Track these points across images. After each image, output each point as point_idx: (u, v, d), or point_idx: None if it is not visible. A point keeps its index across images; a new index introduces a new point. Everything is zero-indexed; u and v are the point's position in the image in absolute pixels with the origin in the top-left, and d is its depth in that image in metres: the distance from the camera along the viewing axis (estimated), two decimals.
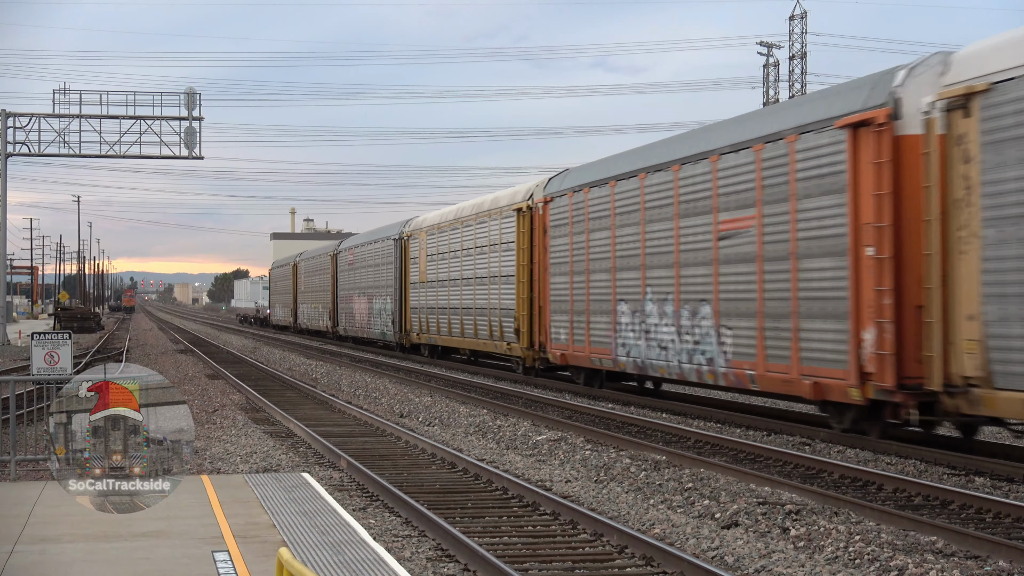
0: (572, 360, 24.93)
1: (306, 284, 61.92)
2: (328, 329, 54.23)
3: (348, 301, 49.31)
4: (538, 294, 26.97)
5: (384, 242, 43.12)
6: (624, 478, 13.52)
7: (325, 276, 54.95)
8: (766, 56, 68.45)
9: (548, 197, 26.42)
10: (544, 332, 26.39)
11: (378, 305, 43.35)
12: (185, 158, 43.89)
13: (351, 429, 18.86)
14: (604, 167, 24.35)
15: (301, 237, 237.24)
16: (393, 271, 40.98)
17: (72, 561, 8.36)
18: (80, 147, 43.96)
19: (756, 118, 19.04)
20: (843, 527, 10.35)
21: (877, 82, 15.25)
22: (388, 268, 41.95)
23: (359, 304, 47.06)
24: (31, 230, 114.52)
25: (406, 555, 9.62)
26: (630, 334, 21.70)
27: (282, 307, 71.56)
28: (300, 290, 63.77)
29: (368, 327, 45.41)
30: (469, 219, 33.10)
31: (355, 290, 47.83)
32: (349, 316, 49.20)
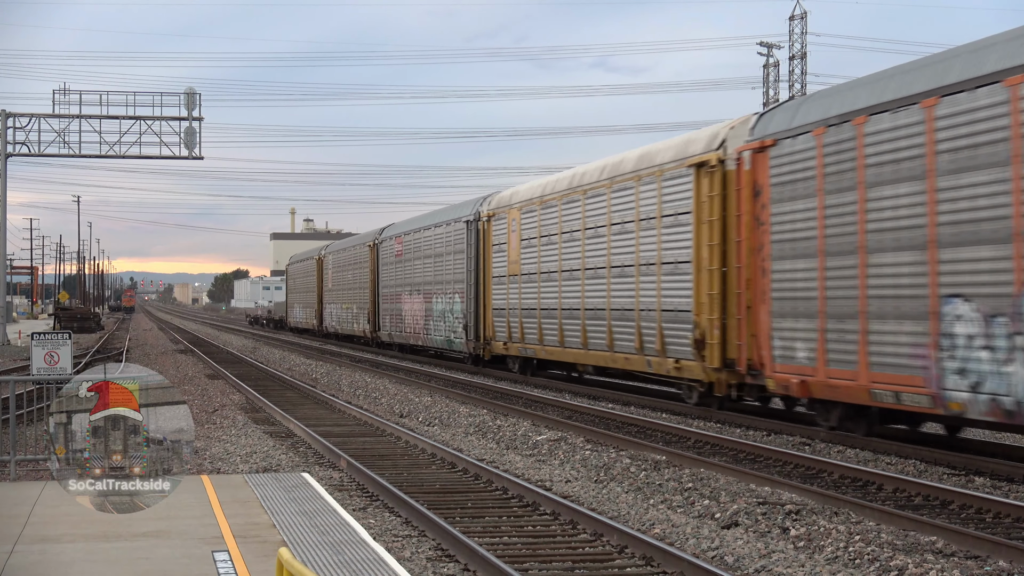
0: (823, 392, 15.94)
1: (336, 280, 53.19)
2: (366, 334, 45.90)
3: (394, 300, 41.24)
4: (743, 288, 17.93)
5: (451, 226, 34.53)
6: (624, 478, 13.52)
7: (362, 271, 46.76)
8: (766, 56, 68.48)
9: (766, 140, 17.26)
10: (759, 345, 17.42)
11: (441, 305, 35.12)
12: (185, 158, 43.90)
13: (351, 429, 18.86)
14: (902, 79, 14.87)
15: (301, 237, 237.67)
16: (465, 262, 32.65)
17: (72, 561, 8.36)
18: (80, 147, 43.97)
19: None
20: (843, 527, 10.35)
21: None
22: (456, 259, 33.65)
23: (411, 304, 38.93)
24: (31, 230, 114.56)
25: (406, 555, 9.62)
26: (980, 354, 13.01)
27: (303, 307, 62.93)
28: (327, 288, 55.22)
29: (425, 333, 36.94)
30: (596, 187, 24.03)
31: (405, 287, 39.75)
32: (396, 319, 40.95)
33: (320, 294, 56.91)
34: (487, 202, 31.85)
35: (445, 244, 35.04)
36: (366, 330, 45.89)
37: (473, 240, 32.11)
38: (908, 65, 15.26)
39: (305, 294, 61.78)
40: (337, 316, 52.41)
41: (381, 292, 43.37)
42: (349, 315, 49.42)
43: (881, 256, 14.63)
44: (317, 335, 57.90)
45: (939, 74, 13.92)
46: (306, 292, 61.38)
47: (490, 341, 30.78)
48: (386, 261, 42.99)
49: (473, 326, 31.99)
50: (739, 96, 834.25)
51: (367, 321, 45.56)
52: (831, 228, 15.66)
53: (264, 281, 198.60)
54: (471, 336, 32.12)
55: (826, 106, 16.15)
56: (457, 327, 33.35)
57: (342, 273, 51.62)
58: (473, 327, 31.99)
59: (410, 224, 41.16)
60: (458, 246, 33.51)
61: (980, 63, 13.29)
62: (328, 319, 54.65)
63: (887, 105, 14.60)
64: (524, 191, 29.29)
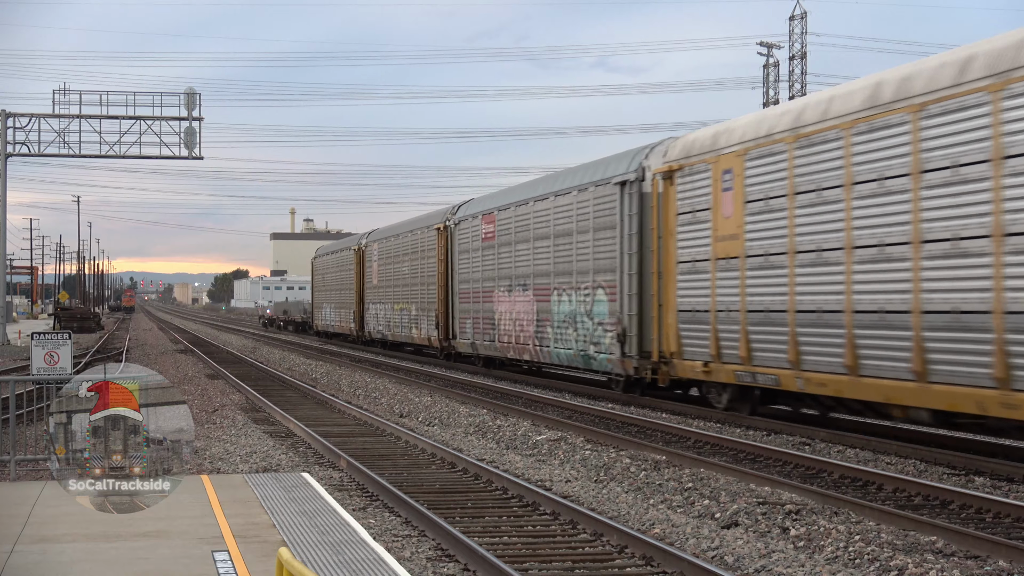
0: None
1: (384, 275, 43.48)
2: (431, 342, 36.54)
3: (480, 299, 31.69)
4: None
5: (587, 192, 24.38)
6: (624, 478, 13.52)
7: (423, 261, 37.68)
8: (766, 56, 68.51)
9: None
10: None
11: (567, 305, 25.31)
12: (185, 158, 43.89)
13: (351, 429, 18.86)
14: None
15: (301, 237, 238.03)
16: (618, 242, 22.76)
17: (72, 561, 8.36)
18: (80, 147, 43.97)
19: None
20: (843, 527, 10.35)
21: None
22: (599, 239, 23.72)
23: (510, 304, 29.04)
24: (31, 230, 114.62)
25: (406, 555, 9.62)
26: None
27: (335, 308, 53.04)
28: (371, 284, 45.44)
29: (537, 343, 27.10)
30: (899, 108, 14.65)
31: (500, 281, 29.96)
32: (483, 323, 31.26)
33: (360, 292, 47.24)
34: (659, 152, 21.85)
35: (576, 219, 24.86)
36: (432, 337, 36.11)
37: (634, 209, 22.13)
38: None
39: (338, 292, 52.06)
40: (386, 319, 42.79)
41: (457, 288, 33.69)
42: (404, 318, 39.90)
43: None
44: (357, 341, 48.17)
45: None
46: (339, 290, 51.80)
47: (670, 359, 20.45)
48: (466, 247, 32.92)
49: (635, 335, 22.01)
50: (739, 96, 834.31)
51: (434, 326, 35.72)
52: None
53: (264, 281, 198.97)
54: (630, 350, 22.17)
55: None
56: (601, 336, 23.40)
57: (393, 265, 42.00)
58: (635, 337, 22.04)
59: (509, 196, 30.52)
60: (602, 220, 23.55)
61: None
62: (373, 322, 45.07)
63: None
64: (745, 126, 18.54)
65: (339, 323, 51.85)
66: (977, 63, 13.60)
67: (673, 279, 20.44)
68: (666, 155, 21.13)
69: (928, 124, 14.18)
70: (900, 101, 14.74)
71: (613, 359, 22.83)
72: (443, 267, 34.99)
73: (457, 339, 33.85)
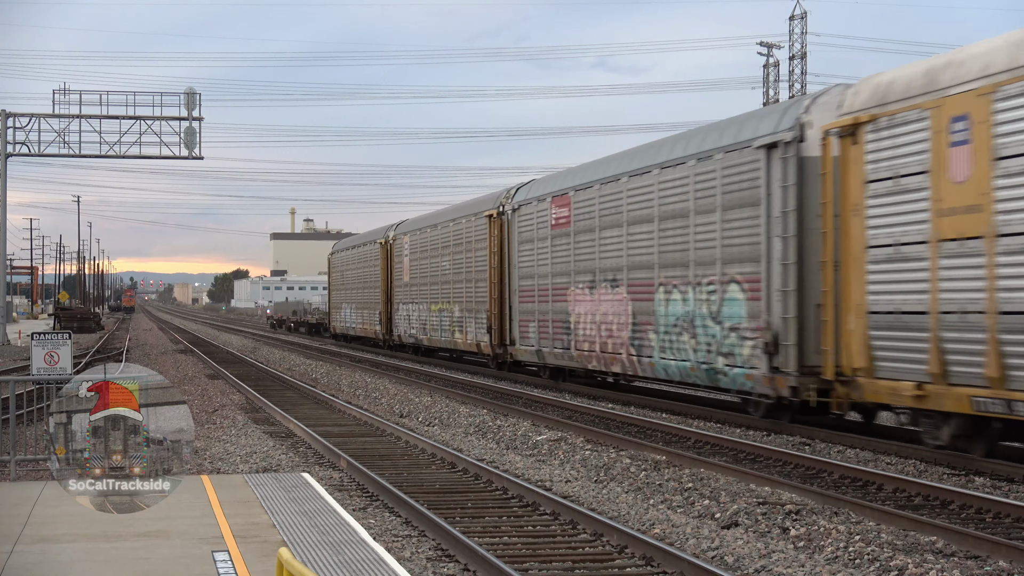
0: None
1: (418, 271, 38.23)
2: (480, 348, 31.46)
3: (545, 298, 26.39)
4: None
5: (712, 161, 19.04)
6: (624, 478, 13.52)
7: (471, 255, 32.41)
8: (766, 56, 68.51)
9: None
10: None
11: (681, 305, 19.97)
12: (185, 158, 43.91)
13: (351, 429, 18.86)
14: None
15: (301, 237, 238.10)
16: (768, 223, 17.42)
17: (72, 561, 8.36)
18: (80, 147, 44.00)
19: None
20: (843, 527, 10.35)
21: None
22: (732, 222, 18.47)
23: (594, 304, 23.72)
24: (31, 230, 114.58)
25: (406, 555, 9.62)
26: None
27: (356, 308, 47.83)
28: (401, 282, 40.32)
29: (632, 352, 21.78)
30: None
31: (578, 276, 24.59)
32: (553, 327, 25.84)
33: (388, 290, 42.14)
34: (827, 104, 16.84)
35: (694, 196, 19.56)
36: (481, 343, 31.29)
37: (791, 178, 16.87)
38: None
39: (360, 291, 47.19)
40: (421, 321, 37.53)
41: (517, 286, 28.53)
42: (445, 320, 34.80)
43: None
44: (384, 346, 43.42)
45: None
46: (361, 288, 46.86)
47: (852, 377, 15.24)
48: (528, 236, 27.70)
49: (793, 345, 16.72)
50: (739, 96, 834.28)
51: (485, 329, 30.75)
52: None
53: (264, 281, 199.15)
54: (785, 364, 16.85)
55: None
56: (735, 345, 18.18)
57: (430, 260, 36.81)
58: (793, 347, 16.71)
59: (590, 173, 24.94)
60: (735, 196, 18.28)
61: None
62: (403, 325, 39.97)
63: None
64: (990, 53, 13.44)
65: (361, 325, 46.68)
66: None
67: (859, 270, 15.18)
68: (843, 105, 15.81)
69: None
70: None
71: (755, 375, 17.30)
72: (496, 260, 29.82)
73: (516, 345, 28.29)
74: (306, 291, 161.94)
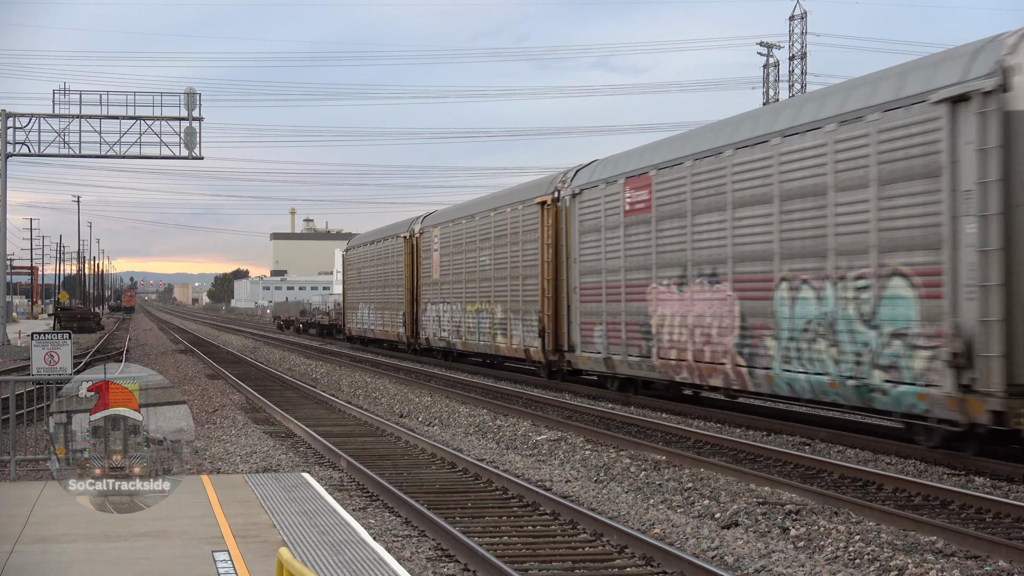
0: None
1: (449, 266, 34.60)
2: (532, 354, 27.08)
3: (616, 296, 22.55)
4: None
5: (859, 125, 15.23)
6: (624, 478, 13.52)
7: (517, 247, 28.35)
8: (766, 56, 68.52)
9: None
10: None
11: (818, 306, 16.24)
12: (185, 158, 43.90)
13: (351, 429, 18.86)
14: None
15: (301, 237, 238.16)
16: (953, 199, 13.67)
17: (72, 561, 8.36)
18: (80, 147, 43.98)
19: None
20: (843, 527, 10.35)
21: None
22: (892, 199, 14.72)
23: (681, 304, 20.03)
24: (31, 230, 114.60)
25: (406, 555, 9.62)
26: None
27: (376, 309, 43.88)
28: (430, 279, 36.42)
29: (747, 362, 17.94)
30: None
31: (659, 271, 20.85)
32: (630, 331, 21.85)
33: (413, 289, 38.28)
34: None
35: (833, 169, 15.90)
36: (530, 348, 27.12)
37: (991, 139, 13.32)
38: None
39: (380, 289, 43.27)
40: (454, 323, 33.55)
41: (577, 283, 24.25)
42: (484, 321, 30.76)
43: None
44: (409, 350, 39.80)
45: None
46: (381, 286, 43.12)
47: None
48: (592, 226, 23.58)
49: (998, 356, 13.14)
50: (739, 96, 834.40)
51: (535, 333, 26.72)
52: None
53: (264, 281, 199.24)
54: (983, 381, 13.27)
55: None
56: (901, 355, 14.57)
57: (465, 255, 33.05)
58: (998, 360, 13.13)
59: (676, 148, 20.89)
60: (896, 166, 14.68)
61: None
62: (432, 327, 35.92)
63: None
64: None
65: (381, 327, 42.78)
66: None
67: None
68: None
69: None
70: None
71: (934, 394, 13.84)
72: (551, 253, 25.98)
73: (577, 352, 24.21)
74: (306, 291, 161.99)
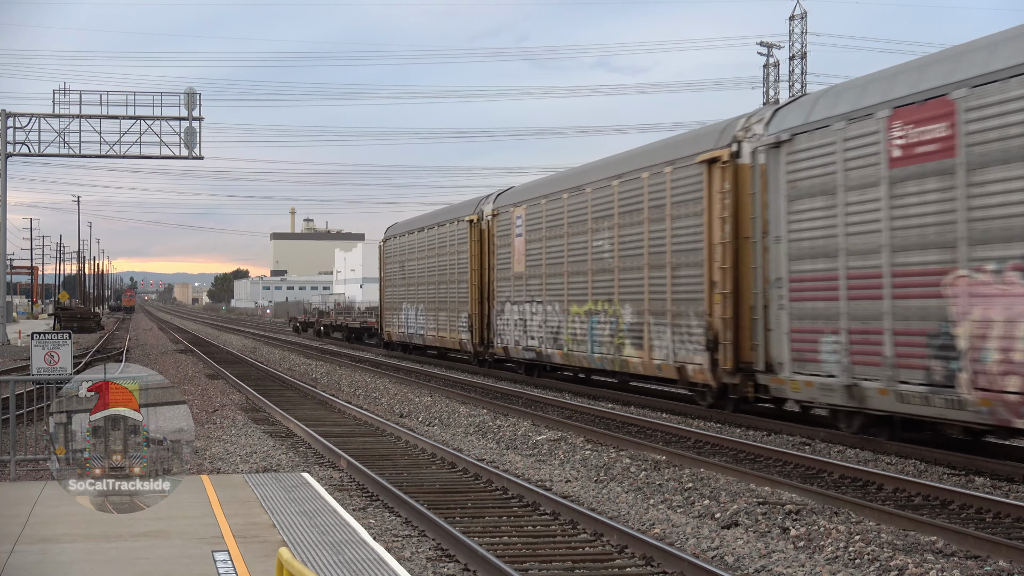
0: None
1: (541, 255, 27.15)
2: (693, 375, 19.85)
3: (868, 291, 15.19)
4: None
5: None
6: (624, 478, 13.52)
7: (663, 225, 21.06)
8: (766, 56, 68.50)
9: None
10: None
11: None
12: (185, 158, 43.89)
13: (351, 429, 18.85)
14: None
15: (301, 237, 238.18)
16: None
17: (72, 561, 8.36)
18: (80, 147, 43.98)
19: None
20: (843, 527, 10.35)
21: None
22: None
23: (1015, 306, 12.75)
24: (31, 230, 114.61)
25: (406, 555, 9.62)
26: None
27: (427, 310, 36.58)
28: (508, 272, 29.25)
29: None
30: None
31: (970, 251, 13.37)
32: (907, 346, 14.42)
33: (486, 284, 31.12)
34: None
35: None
36: (689, 366, 19.91)
37: None
38: None
39: (433, 286, 36.08)
40: (550, 328, 26.14)
41: (786, 272, 17.01)
42: (604, 327, 23.52)
43: None
44: (473, 361, 32.40)
45: None
46: (435, 282, 35.89)
47: None
48: (818, 187, 16.23)
49: None
50: (739, 96, 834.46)
51: (697, 345, 19.67)
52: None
53: (264, 281, 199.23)
54: None
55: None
56: None
57: (569, 239, 25.43)
58: None
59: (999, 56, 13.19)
60: None
61: None
62: (511, 333, 28.57)
63: None
64: None
65: (434, 332, 35.63)
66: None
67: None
68: None
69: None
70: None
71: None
72: (728, 229, 18.88)
73: (784, 373, 16.96)
74: (306, 291, 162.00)
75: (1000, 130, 13.01)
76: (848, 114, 15.68)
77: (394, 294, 41.80)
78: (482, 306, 31.46)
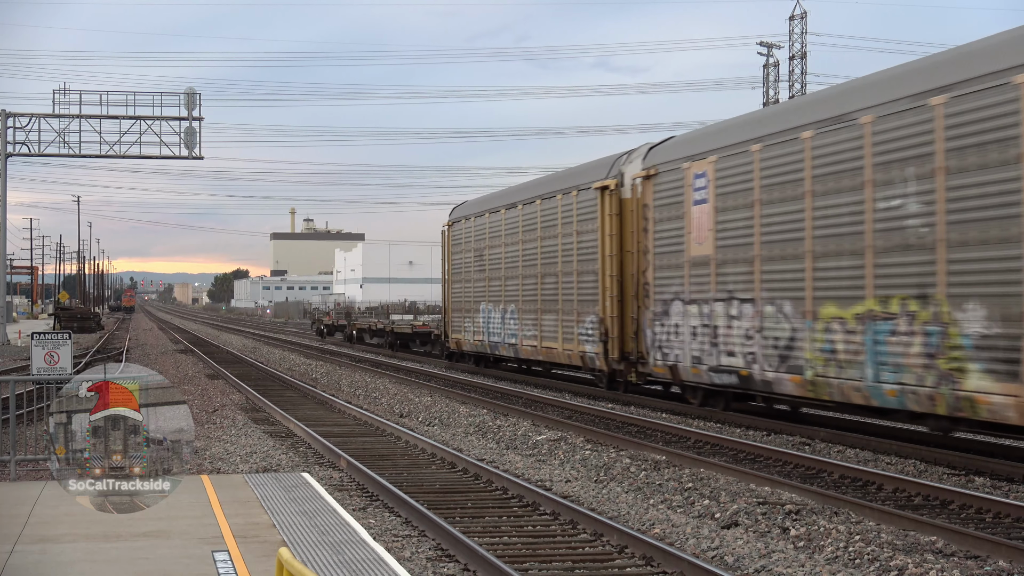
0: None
1: (741, 227, 18.18)
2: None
3: None
4: None
5: None
6: (624, 478, 13.52)
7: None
8: (766, 56, 68.51)
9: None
10: None
11: None
12: (185, 158, 43.89)
13: (351, 429, 18.85)
14: None
15: (301, 237, 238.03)
16: None
17: (72, 561, 8.36)
18: (80, 147, 43.97)
19: None
20: (843, 527, 10.35)
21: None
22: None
23: None
24: (31, 230, 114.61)
25: (406, 555, 9.62)
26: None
27: (523, 312, 28.02)
28: (681, 258, 20.19)
29: None
30: None
31: None
32: None
33: (631, 276, 22.54)
34: None
35: None
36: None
37: None
38: None
39: (533, 280, 27.64)
40: (774, 338, 17.30)
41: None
42: (930, 337, 13.83)
43: None
44: (605, 384, 23.76)
45: None
46: (536, 275, 27.38)
47: None
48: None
49: None
50: (739, 96, 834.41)
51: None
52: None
53: (264, 281, 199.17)
54: None
55: None
56: None
57: (830, 200, 15.86)
58: None
59: None
60: None
61: None
62: (687, 344, 20.03)
63: None
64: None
65: (535, 342, 27.23)
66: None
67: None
68: None
69: None
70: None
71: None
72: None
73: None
74: (306, 291, 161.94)
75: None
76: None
77: (466, 291, 32.89)
78: (621, 306, 23.01)
